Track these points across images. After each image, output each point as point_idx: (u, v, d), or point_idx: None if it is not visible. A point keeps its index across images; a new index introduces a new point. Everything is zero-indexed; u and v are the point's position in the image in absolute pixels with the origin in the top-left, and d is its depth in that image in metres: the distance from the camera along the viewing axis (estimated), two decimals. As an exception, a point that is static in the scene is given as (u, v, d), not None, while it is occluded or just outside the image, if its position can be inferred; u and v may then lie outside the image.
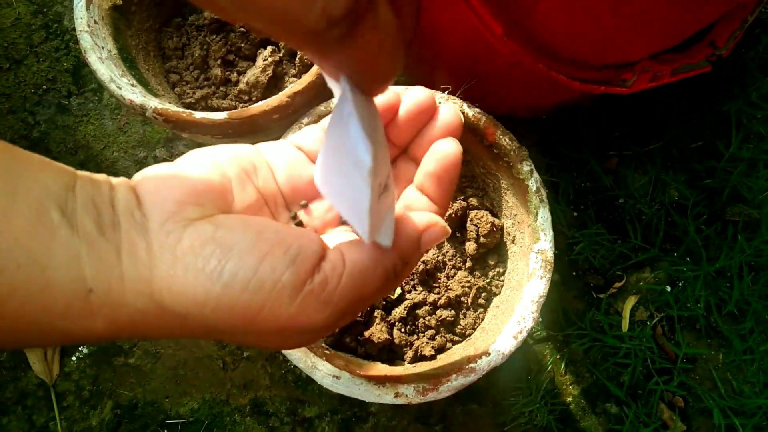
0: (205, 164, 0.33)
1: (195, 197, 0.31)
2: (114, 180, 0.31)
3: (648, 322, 0.89)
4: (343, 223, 0.37)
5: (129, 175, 0.92)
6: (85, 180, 0.30)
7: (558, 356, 0.87)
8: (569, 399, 0.87)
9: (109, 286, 0.28)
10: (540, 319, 0.87)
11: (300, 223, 0.37)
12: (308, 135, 0.38)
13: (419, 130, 0.37)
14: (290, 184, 0.36)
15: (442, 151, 0.35)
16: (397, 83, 0.91)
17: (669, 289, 0.90)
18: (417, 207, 0.36)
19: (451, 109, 0.37)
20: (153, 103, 0.57)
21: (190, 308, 0.28)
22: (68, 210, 0.28)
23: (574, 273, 0.90)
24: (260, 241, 0.29)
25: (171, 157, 0.88)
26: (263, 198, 0.35)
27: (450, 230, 0.34)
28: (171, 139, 0.89)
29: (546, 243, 0.60)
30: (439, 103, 0.37)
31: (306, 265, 0.29)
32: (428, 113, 0.37)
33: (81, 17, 0.60)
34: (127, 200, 0.30)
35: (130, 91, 0.58)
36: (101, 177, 0.31)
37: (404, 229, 0.32)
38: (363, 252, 0.31)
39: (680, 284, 0.90)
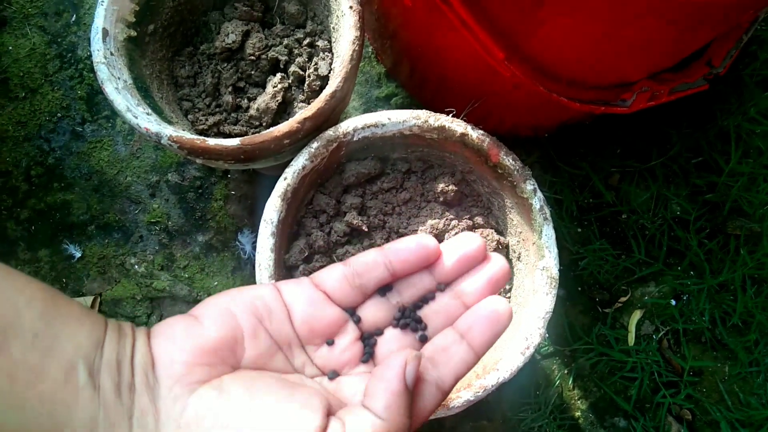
0: (218, 316, 0.34)
1: (204, 357, 0.32)
2: (138, 333, 0.33)
3: (654, 336, 0.90)
4: (363, 361, 0.38)
5: (142, 199, 0.93)
6: (112, 334, 0.32)
7: (565, 371, 0.88)
8: (578, 414, 0.88)
9: None
10: (546, 335, 0.88)
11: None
12: (331, 275, 0.38)
13: (468, 271, 0.39)
14: (307, 326, 0.37)
15: (496, 312, 0.36)
16: (401, 106, 0.93)
17: (674, 302, 0.91)
18: (453, 353, 0.36)
19: (501, 260, 0.38)
20: (168, 130, 0.59)
21: None
22: (95, 368, 0.30)
23: (579, 288, 0.91)
24: (260, 411, 0.30)
25: (183, 180, 0.90)
26: (277, 343, 0.35)
27: (422, 353, 0.34)
28: (182, 163, 0.91)
29: (551, 260, 0.61)
30: (491, 251, 0.38)
31: None
32: (477, 260, 0.38)
33: (98, 49, 0.62)
34: (144, 360, 0.32)
35: (146, 120, 0.60)
36: (127, 329, 0.33)
37: (390, 386, 0.31)
38: (366, 423, 0.31)
39: (685, 298, 0.91)
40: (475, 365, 0.36)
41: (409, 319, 0.38)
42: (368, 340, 0.38)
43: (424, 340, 0.38)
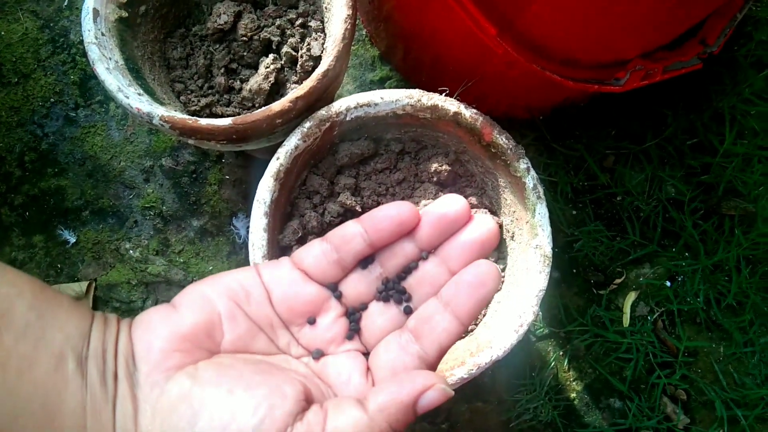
0: (194, 302, 0.34)
1: (179, 343, 0.32)
2: (122, 323, 0.34)
3: (649, 317, 0.90)
4: (348, 338, 0.37)
5: (136, 184, 0.92)
6: (98, 324, 0.33)
7: (561, 352, 0.89)
8: (573, 394, 0.88)
9: None
10: (540, 314, 0.89)
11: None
12: (309, 252, 0.37)
13: (451, 235, 0.37)
14: (285, 306, 0.36)
15: (480, 276, 0.34)
16: (398, 86, 0.93)
17: (668, 283, 0.91)
18: (435, 324, 0.35)
19: (485, 220, 0.36)
20: (159, 110, 0.59)
21: None
22: (82, 357, 0.31)
23: (574, 270, 0.91)
24: (231, 398, 0.30)
25: (177, 165, 0.90)
26: (257, 324, 0.35)
27: (453, 392, 0.32)
28: (176, 148, 0.91)
29: (544, 238, 0.61)
30: (474, 212, 0.36)
31: (274, 428, 0.29)
32: (459, 223, 0.36)
33: (89, 29, 0.62)
34: (125, 349, 0.32)
35: (137, 100, 0.59)
36: (112, 319, 0.34)
37: (397, 393, 0.31)
38: (349, 419, 0.30)
39: (679, 279, 0.92)
40: (461, 334, 0.35)
41: (392, 291, 0.37)
42: (353, 316, 0.38)
43: (408, 311, 0.37)
